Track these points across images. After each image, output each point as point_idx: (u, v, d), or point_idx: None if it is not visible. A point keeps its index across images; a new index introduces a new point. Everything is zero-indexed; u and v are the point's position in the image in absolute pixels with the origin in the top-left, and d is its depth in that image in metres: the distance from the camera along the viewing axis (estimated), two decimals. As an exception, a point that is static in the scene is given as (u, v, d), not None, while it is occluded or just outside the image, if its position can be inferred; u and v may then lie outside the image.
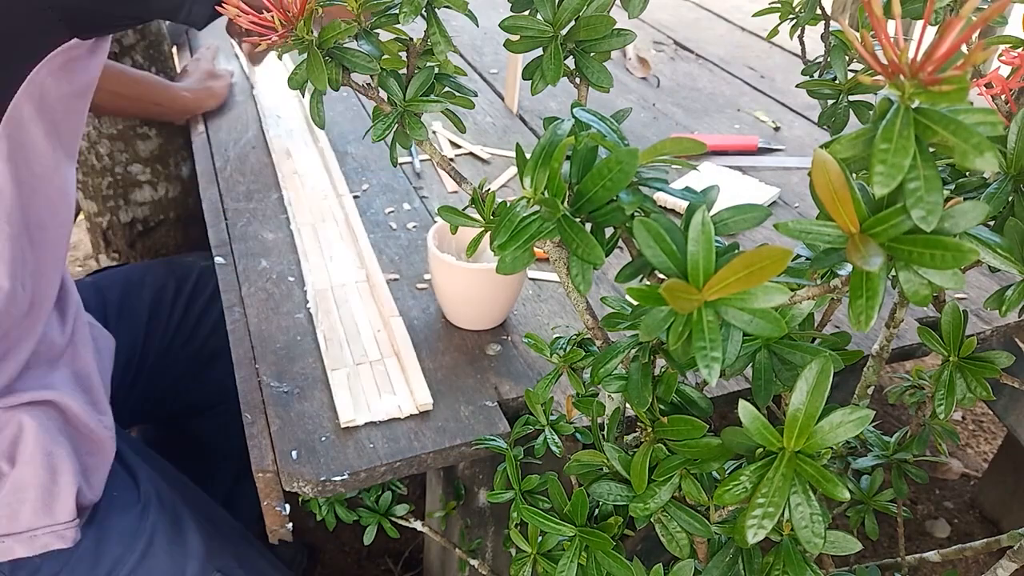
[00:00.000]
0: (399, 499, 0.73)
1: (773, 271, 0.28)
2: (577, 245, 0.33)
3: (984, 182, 0.40)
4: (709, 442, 0.38)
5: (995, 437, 1.57)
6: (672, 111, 1.27)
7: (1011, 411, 1.02)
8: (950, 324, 0.47)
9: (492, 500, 0.54)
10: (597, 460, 0.45)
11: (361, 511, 0.73)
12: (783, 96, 1.32)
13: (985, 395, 0.47)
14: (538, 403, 0.56)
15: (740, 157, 1.12)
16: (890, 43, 0.26)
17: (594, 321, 0.44)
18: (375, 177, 1.04)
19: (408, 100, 0.46)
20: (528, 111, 1.24)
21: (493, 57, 1.43)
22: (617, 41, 0.43)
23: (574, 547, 0.45)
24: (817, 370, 0.32)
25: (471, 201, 0.46)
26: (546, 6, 0.42)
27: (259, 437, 0.65)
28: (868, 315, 0.28)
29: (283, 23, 0.43)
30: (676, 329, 0.30)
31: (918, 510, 1.42)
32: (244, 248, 0.89)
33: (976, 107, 0.26)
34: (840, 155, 0.28)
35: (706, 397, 0.43)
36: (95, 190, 1.32)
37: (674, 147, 0.33)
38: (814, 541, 0.33)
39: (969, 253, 0.26)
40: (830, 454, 0.34)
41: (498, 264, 0.36)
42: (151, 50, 1.24)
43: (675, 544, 0.42)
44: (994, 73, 0.44)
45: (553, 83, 0.43)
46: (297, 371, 0.71)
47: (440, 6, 0.45)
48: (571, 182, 0.34)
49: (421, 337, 0.76)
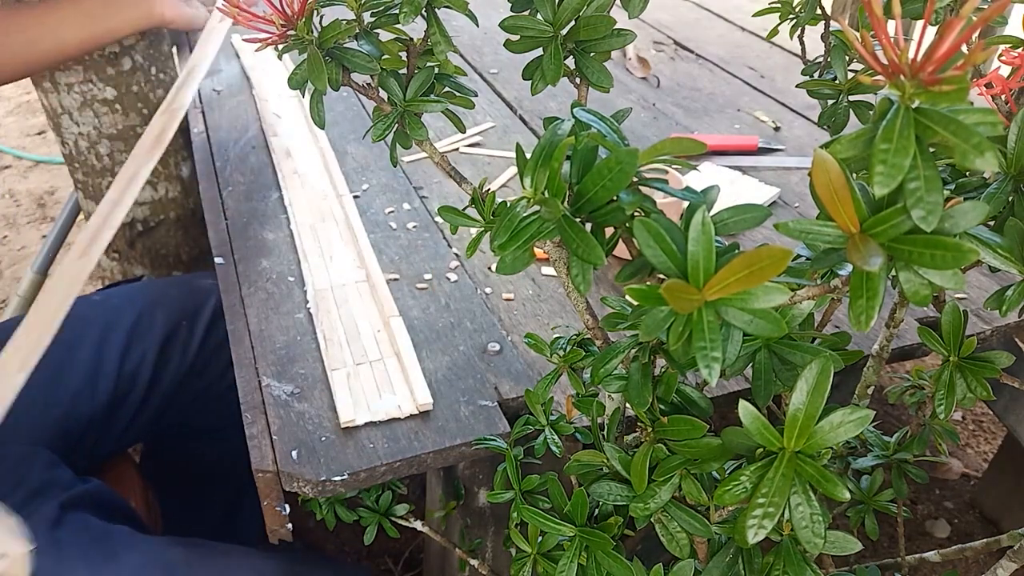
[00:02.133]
0: (399, 499, 0.73)
1: (773, 271, 0.28)
2: (577, 245, 0.33)
3: (984, 182, 0.40)
4: (709, 442, 0.38)
5: (995, 437, 1.57)
6: (672, 111, 1.27)
7: (1011, 411, 1.02)
8: (950, 324, 0.47)
9: (492, 500, 0.54)
10: (597, 460, 0.45)
11: (361, 511, 0.73)
12: (783, 96, 1.32)
13: (985, 395, 0.47)
14: (538, 403, 0.56)
15: (740, 157, 1.12)
16: (890, 43, 0.26)
17: (594, 321, 0.44)
18: (375, 177, 1.04)
19: (408, 100, 0.46)
20: (528, 111, 1.24)
21: (493, 57, 1.43)
22: (617, 41, 0.43)
23: (574, 547, 0.45)
24: (817, 370, 0.32)
25: (471, 201, 0.46)
26: (546, 6, 0.42)
27: (259, 437, 0.65)
28: (868, 315, 0.28)
29: (283, 22, 0.43)
30: (676, 329, 0.30)
31: (918, 510, 1.42)
32: (244, 248, 0.89)
33: (976, 107, 0.26)
34: (840, 155, 0.28)
35: (706, 397, 0.43)
36: (95, 190, 1.32)
37: (674, 147, 0.33)
38: (814, 541, 0.33)
39: (969, 253, 0.26)
40: (830, 454, 0.34)
41: (498, 264, 0.36)
42: (151, 50, 1.24)
43: (675, 544, 0.42)
44: (994, 73, 0.44)
45: (553, 83, 0.43)
46: (297, 371, 0.71)
47: (440, 6, 0.45)
48: (571, 182, 0.34)
49: (421, 337, 0.76)
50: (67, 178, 2.39)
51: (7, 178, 2.45)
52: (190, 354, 0.98)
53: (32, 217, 2.26)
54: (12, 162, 2.52)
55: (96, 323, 0.93)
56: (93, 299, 0.99)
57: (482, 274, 0.86)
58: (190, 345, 0.98)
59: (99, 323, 0.94)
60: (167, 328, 0.97)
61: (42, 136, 2.64)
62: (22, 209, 2.29)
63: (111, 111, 1.23)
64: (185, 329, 0.98)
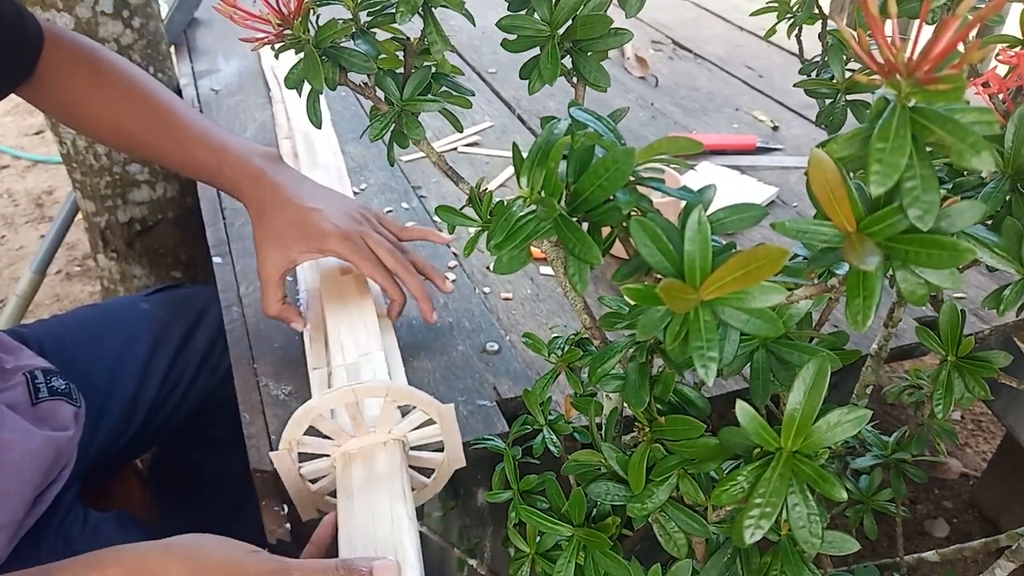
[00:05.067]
0: (397, 499, 0.73)
1: (770, 270, 0.28)
2: (574, 244, 0.33)
3: (982, 181, 0.40)
4: (707, 442, 0.38)
5: (994, 436, 1.57)
6: (670, 110, 1.27)
7: (1010, 410, 1.02)
8: (948, 323, 0.47)
9: (490, 500, 0.54)
10: (595, 460, 0.44)
11: (359, 511, 0.72)
12: (781, 95, 1.32)
13: (983, 394, 0.47)
14: (536, 403, 0.56)
15: (738, 156, 1.12)
16: (886, 42, 0.26)
17: (592, 321, 0.44)
18: (373, 176, 1.04)
19: (405, 99, 0.46)
20: (527, 111, 1.24)
21: (491, 56, 1.43)
22: (614, 40, 0.43)
23: (572, 547, 0.45)
24: (814, 370, 0.32)
25: (468, 200, 0.46)
26: (543, 5, 0.42)
27: (257, 437, 0.65)
28: (865, 315, 0.28)
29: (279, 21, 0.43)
30: (673, 329, 0.30)
31: (917, 510, 1.42)
32: (242, 248, 0.88)
33: (973, 106, 0.26)
34: (837, 154, 0.28)
35: (704, 397, 0.42)
36: (93, 190, 1.32)
37: (670, 146, 0.33)
38: (811, 541, 0.33)
39: (966, 252, 0.26)
40: (828, 454, 0.34)
41: (495, 264, 0.36)
42: (149, 49, 1.24)
43: (673, 544, 0.42)
44: (991, 72, 0.44)
45: (550, 82, 0.43)
46: (295, 371, 0.71)
47: (437, 5, 0.45)
48: (568, 181, 0.34)
49: (420, 337, 0.76)
50: (65, 178, 2.39)
51: (5, 178, 2.44)
52: (191, 368, 0.93)
53: (30, 217, 2.26)
54: (10, 162, 2.52)
55: (77, 338, 0.88)
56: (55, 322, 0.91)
57: (480, 274, 0.86)
58: (193, 359, 0.93)
59: (80, 338, 0.88)
60: (153, 340, 0.90)
61: (40, 136, 2.64)
62: (20, 209, 2.29)
63: (109, 111, 1.23)
64: (188, 343, 0.93)
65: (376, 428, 0.58)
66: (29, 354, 0.77)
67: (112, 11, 1.19)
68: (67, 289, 1.98)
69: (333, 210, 0.72)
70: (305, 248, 0.70)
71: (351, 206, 0.74)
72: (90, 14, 1.17)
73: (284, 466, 0.58)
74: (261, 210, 0.72)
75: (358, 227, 0.71)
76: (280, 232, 0.70)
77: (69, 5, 1.15)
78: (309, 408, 0.56)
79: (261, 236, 0.71)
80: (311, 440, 0.58)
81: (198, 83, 1.31)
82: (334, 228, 0.70)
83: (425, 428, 0.59)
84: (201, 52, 1.44)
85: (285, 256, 0.70)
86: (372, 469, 0.57)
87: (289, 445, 0.57)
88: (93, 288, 1.97)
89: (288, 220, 0.70)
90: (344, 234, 0.70)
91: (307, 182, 0.76)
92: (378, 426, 0.58)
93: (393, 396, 0.57)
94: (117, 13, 1.20)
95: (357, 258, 0.69)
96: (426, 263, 0.74)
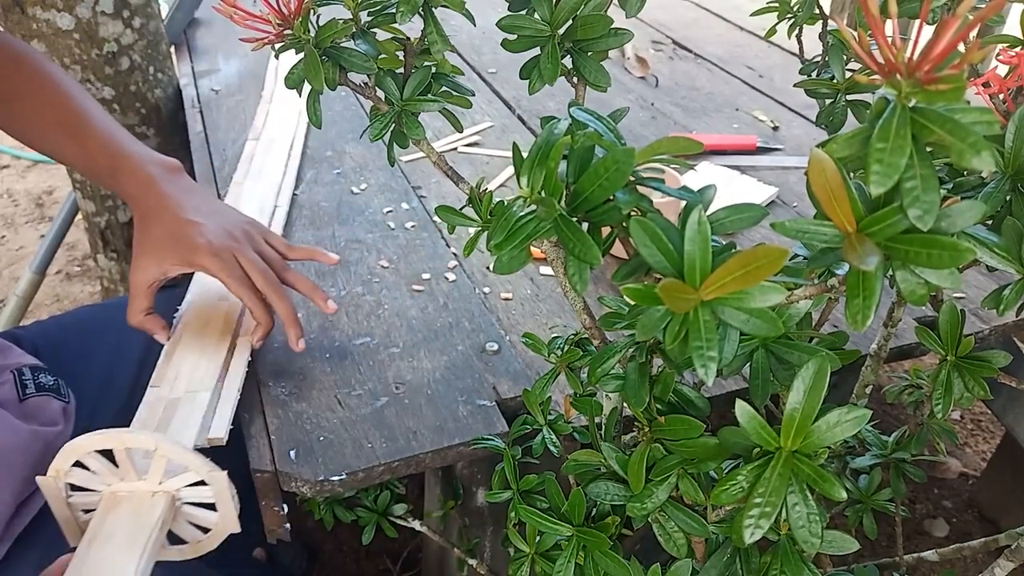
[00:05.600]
0: (397, 499, 0.73)
1: (770, 270, 0.28)
2: (574, 244, 0.33)
3: (982, 181, 0.40)
4: (706, 442, 0.38)
5: (993, 436, 1.57)
6: (671, 110, 1.27)
7: (1009, 410, 1.02)
8: (948, 323, 0.47)
9: (490, 500, 0.54)
10: (595, 460, 0.45)
11: (359, 511, 0.73)
12: (782, 95, 1.32)
13: (983, 394, 0.47)
14: (536, 403, 0.56)
15: (739, 156, 1.12)
16: (886, 42, 0.26)
17: (592, 321, 0.44)
18: (373, 176, 1.04)
19: (405, 100, 0.46)
20: (526, 111, 1.24)
21: (491, 56, 1.43)
22: (615, 40, 0.43)
23: (571, 547, 0.45)
24: (814, 369, 0.32)
25: (468, 200, 0.46)
26: (543, 5, 0.42)
27: (257, 437, 0.65)
28: (865, 315, 0.28)
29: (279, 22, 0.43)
30: (673, 329, 0.30)
31: (916, 509, 1.42)
32: (242, 248, 0.88)
33: (973, 106, 0.26)
34: (837, 154, 0.28)
35: (703, 397, 0.43)
36: (93, 190, 1.32)
37: (670, 147, 0.33)
38: (811, 541, 0.33)
39: (966, 252, 0.26)
40: (827, 454, 0.34)
41: (494, 264, 0.36)
42: (149, 49, 1.24)
43: (672, 544, 0.42)
44: (991, 72, 0.44)
45: (550, 82, 0.43)
46: (295, 370, 0.71)
47: (437, 5, 0.45)
48: (568, 181, 0.34)
49: (420, 337, 0.76)
50: (65, 178, 2.40)
51: (5, 178, 2.44)
52: None
53: (30, 217, 2.26)
54: (10, 162, 2.52)
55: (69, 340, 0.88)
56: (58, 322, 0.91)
57: (480, 274, 0.86)
58: None
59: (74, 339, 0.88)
60: (143, 342, 0.88)
61: (40, 136, 2.64)
62: (20, 209, 2.29)
63: (109, 111, 1.23)
64: None
65: (147, 477, 0.57)
66: (19, 352, 0.77)
67: (112, 11, 1.19)
68: (67, 289, 1.98)
69: (213, 225, 0.70)
70: (177, 260, 0.69)
71: (235, 222, 0.73)
72: (90, 14, 1.17)
73: (50, 492, 0.57)
74: (143, 218, 0.71)
75: (233, 244, 0.70)
76: (155, 242, 0.70)
77: (69, 5, 1.15)
78: (76, 445, 0.55)
79: (138, 243, 0.71)
80: (80, 473, 0.57)
81: (198, 83, 1.31)
82: (206, 243, 0.68)
83: (204, 487, 0.58)
84: (201, 52, 1.44)
85: (157, 267, 0.69)
86: (133, 517, 0.56)
87: (56, 473, 0.56)
88: (93, 288, 1.97)
89: (165, 231, 0.70)
90: (215, 250, 0.68)
91: (198, 195, 0.74)
92: (149, 476, 0.57)
93: (164, 452, 0.56)
94: (117, 13, 1.20)
95: (224, 275, 0.68)
96: (309, 283, 0.72)
